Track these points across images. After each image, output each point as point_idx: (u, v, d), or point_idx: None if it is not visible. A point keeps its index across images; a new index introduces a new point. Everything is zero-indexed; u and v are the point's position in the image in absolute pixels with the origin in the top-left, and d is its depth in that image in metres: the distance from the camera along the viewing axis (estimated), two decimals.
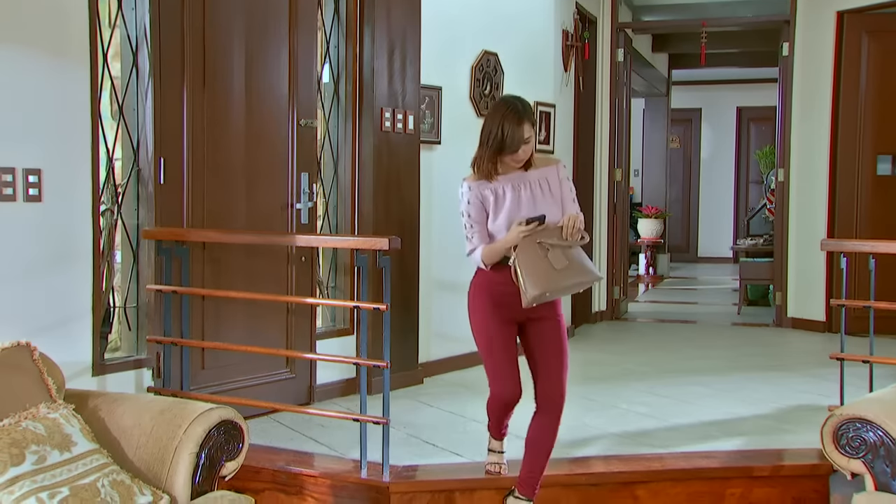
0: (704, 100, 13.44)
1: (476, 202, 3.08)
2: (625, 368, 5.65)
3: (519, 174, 3.08)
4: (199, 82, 4.01)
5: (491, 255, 3.06)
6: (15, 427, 2.35)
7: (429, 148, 5.28)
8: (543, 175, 3.10)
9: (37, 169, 3.33)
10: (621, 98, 7.61)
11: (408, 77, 4.97)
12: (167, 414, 2.64)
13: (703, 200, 13.58)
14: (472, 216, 3.09)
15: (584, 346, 6.45)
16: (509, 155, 3.00)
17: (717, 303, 9.17)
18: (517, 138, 2.97)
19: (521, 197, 3.06)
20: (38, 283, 3.37)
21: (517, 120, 2.96)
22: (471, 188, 3.09)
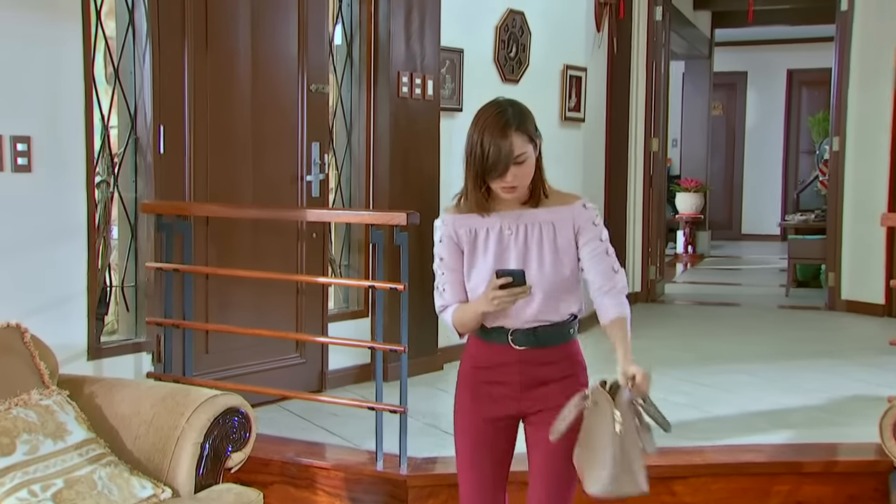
0: (751, 62, 13.25)
1: (450, 242, 2.35)
2: (661, 355, 5.60)
3: (517, 212, 2.32)
4: (201, 43, 3.98)
5: (463, 322, 2.34)
6: (5, 415, 2.35)
7: (450, 115, 5.24)
8: (554, 217, 2.32)
9: (26, 136, 3.33)
10: (659, 61, 7.52)
11: (427, 38, 4.92)
12: (169, 401, 2.64)
13: (749, 172, 13.43)
14: (444, 260, 2.36)
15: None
16: (497, 181, 2.24)
17: (763, 284, 9.10)
18: (503, 156, 2.19)
19: (508, 245, 2.30)
20: (28, 261, 3.38)
21: (501, 130, 2.21)
22: (445, 222, 2.36)
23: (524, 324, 2.31)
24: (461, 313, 2.34)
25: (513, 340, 2.33)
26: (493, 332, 2.35)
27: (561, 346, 2.37)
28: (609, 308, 2.34)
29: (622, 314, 2.35)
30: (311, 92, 4.42)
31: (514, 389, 2.34)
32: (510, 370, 2.34)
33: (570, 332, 2.39)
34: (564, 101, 6.11)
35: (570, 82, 6.15)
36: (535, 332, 2.32)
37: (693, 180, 11.44)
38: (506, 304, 2.22)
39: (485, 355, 2.38)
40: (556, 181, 6.48)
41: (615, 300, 2.35)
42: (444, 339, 5.16)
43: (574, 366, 2.41)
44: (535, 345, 2.33)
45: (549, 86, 6.02)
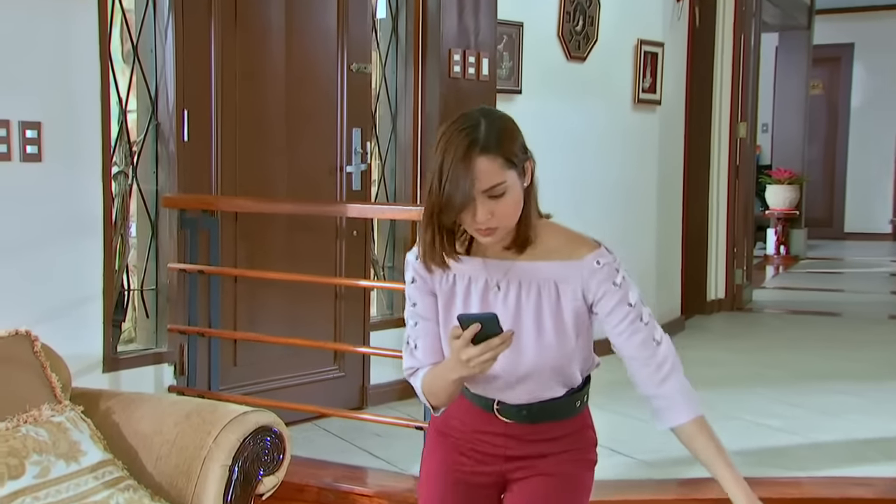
0: (859, 32, 12.99)
1: (423, 285, 2.01)
2: (750, 371, 5.56)
3: (506, 263, 1.95)
4: (229, 18, 4.01)
5: (434, 392, 1.97)
6: (13, 433, 2.38)
7: (507, 98, 5.22)
8: (556, 274, 1.94)
9: (36, 122, 3.38)
10: (748, 33, 7.42)
11: (482, 11, 4.90)
12: (194, 418, 2.65)
13: (854, 161, 13.18)
14: (417, 305, 2.03)
15: (698, 342, 6.35)
16: (467, 221, 1.86)
17: (871, 290, 8.98)
18: (464, 188, 1.79)
19: (493, 307, 1.95)
20: (38, 261, 3.43)
21: (464, 152, 1.80)
22: (417, 258, 2.00)
23: (514, 400, 2.01)
24: (430, 380, 1.96)
25: (499, 412, 2.02)
26: (474, 394, 2.05)
27: (564, 421, 2.04)
28: (674, 405, 1.95)
29: (698, 412, 1.96)
30: (351, 72, 4.43)
31: (497, 460, 2.06)
32: (494, 441, 2.05)
33: (576, 405, 2.05)
34: (638, 81, 6.05)
35: (645, 59, 6.09)
36: (529, 406, 2.00)
37: (787, 171, 11.28)
38: (485, 366, 1.79)
39: (463, 416, 2.07)
40: (628, 173, 6.40)
41: (677, 388, 1.96)
42: None
43: (580, 440, 2.07)
44: (529, 420, 2.01)
45: (621, 64, 5.97)
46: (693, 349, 6.14)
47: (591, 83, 5.74)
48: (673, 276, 6.78)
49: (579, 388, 2.03)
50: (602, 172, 5.88)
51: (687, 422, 1.95)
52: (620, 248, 6.73)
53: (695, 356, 5.92)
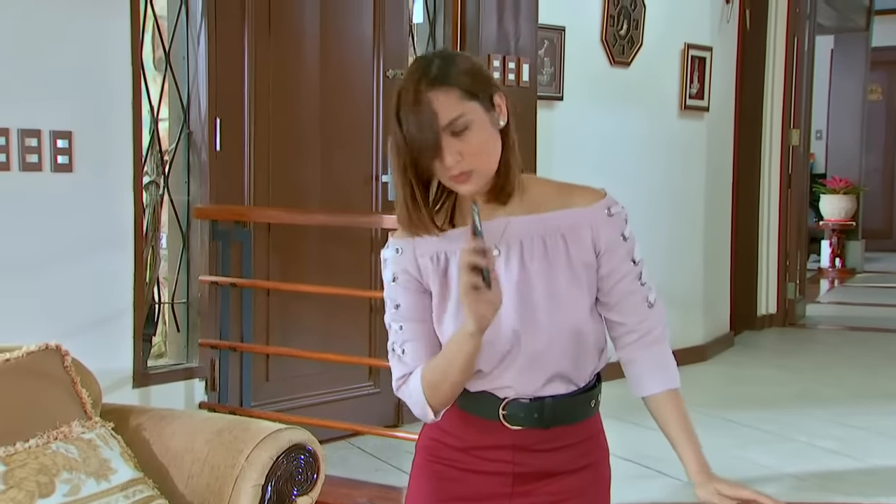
0: None
1: (408, 281, 1.80)
2: (803, 390, 5.51)
3: (499, 221, 1.77)
4: (263, 24, 4.06)
5: (437, 379, 1.75)
6: (43, 450, 2.42)
7: (548, 105, 5.23)
8: (563, 223, 1.79)
9: (67, 131, 3.43)
10: (802, 36, 7.37)
11: (522, 15, 4.92)
12: (225, 436, 2.67)
13: None
14: (400, 308, 1.81)
15: (748, 359, 6.31)
16: (439, 171, 1.70)
17: None
18: (428, 126, 1.66)
19: (501, 277, 1.70)
20: (68, 273, 3.48)
21: (414, 87, 1.68)
22: (398, 250, 1.81)
23: (526, 391, 1.78)
24: (433, 368, 1.75)
25: (506, 416, 1.79)
26: (474, 399, 1.80)
27: (578, 424, 1.84)
28: (652, 372, 1.83)
29: (673, 384, 1.84)
30: (387, 78, 4.46)
31: (502, 484, 1.81)
32: (500, 457, 1.81)
33: (591, 405, 1.85)
34: (685, 86, 6.03)
35: (692, 64, 6.07)
36: (541, 404, 1.79)
37: (842, 180, 11.17)
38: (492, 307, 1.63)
39: (460, 431, 1.83)
40: (674, 182, 6.38)
41: (658, 358, 1.85)
42: None
43: (595, 451, 1.89)
44: (541, 424, 1.79)
45: (667, 69, 5.95)
46: (743, 366, 6.11)
47: (635, 89, 5.73)
48: (721, 290, 6.73)
49: (592, 385, 1.85)
50: (646, 182, 5.86)
51: (662, 391, 1.82)
52: (666, 259, 6.77)
53: (744, 374, 5.91)
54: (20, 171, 3.29)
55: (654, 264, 6.14)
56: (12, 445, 2.36)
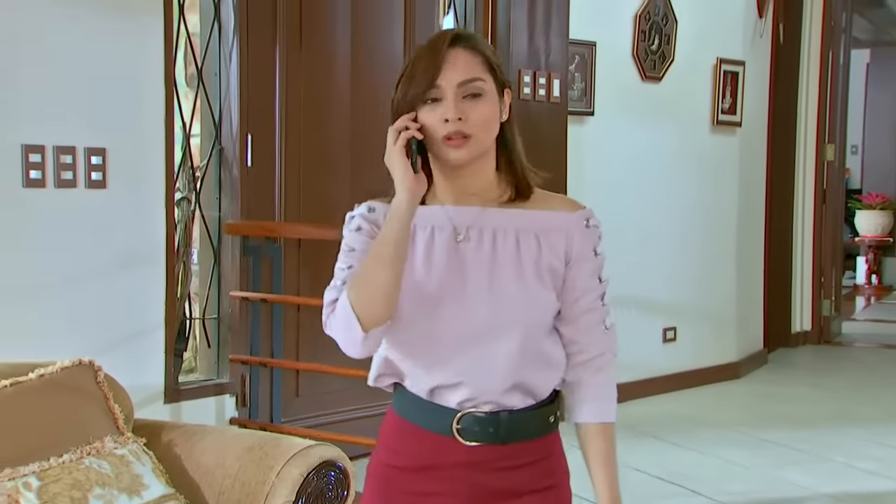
0: None
1: (371, 231, 1.74)
2: (840, 409, 5.47)
3: (476, 210, 1.73)
4: (294, 41, 4.10)
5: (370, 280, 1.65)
6: (77, 465, 2.45)
7: (579, 120, 5.24)
8: (539, 226, 1.74)
9: (101, 148, 3.48)
10: (837, 50, 7.35)
11: (553, 30, 4.94)
12: (256, 452, 2.69)
13: None
14: (355, 250, 1.73)
15: (783, 377, 6.27)
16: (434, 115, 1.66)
17: None
18: (434, 65, 1.66)
19: (464, 259, 1.70)
20: (101, 288, 3.52)
21: (441, 41, 1.68)
22: (371, 209, 1.77)
23: (484, 396, 1.69)
24: (364, 265, 1.66)
25: (460, 431, 1.70)
26: (426, 411, 1.72)
27: (537, 440, 1.76)
28: (593, 401, 1.77)
29: (610, 417, 1.78)
30: None
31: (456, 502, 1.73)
32: (453, 477, 1.72)
33: (550, 420, 1.77)
34: (717, 101, 6.03)
35: (725, 79, 6.06)
36: (497, 418, 1.70)
37: (878, 195, 11.11)
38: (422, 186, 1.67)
39: (411, 449, 1.75)
40: (706, 197, 6.37)
41: (603, 386, 1.78)
42: None
43: (556, 471, 1.81)
44: (497, 440, 1.71)
45: (699, 84, 5.95)
46: (777, 384, 6.07)
47: (666, 104, 5.74)
48: (754, 307, 6.70)
49: (551, 399, 1.76)
50: (678, 197, 5.86)
51: (598, 423, 1.77)
52: (698, 276, 6.72)
53: (779, 392, 5.87)
54: (55, 187, 3.34)
55: (685, 280, 6.16)
56: (46, 461, 2.40)
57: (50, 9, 3.32)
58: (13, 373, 2.57)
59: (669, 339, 5.83)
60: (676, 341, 5.87)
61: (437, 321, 1.69)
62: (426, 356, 1.71)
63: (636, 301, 5.58)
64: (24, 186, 3.27)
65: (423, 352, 1.71)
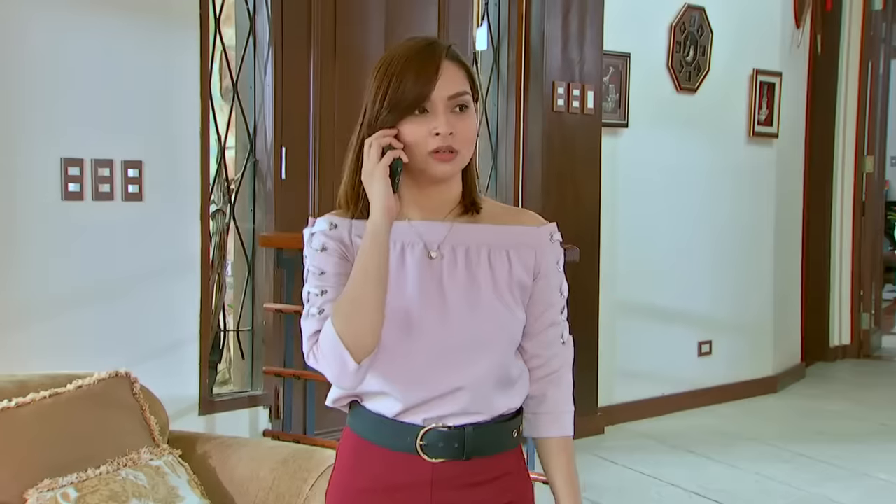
0: None
1: (338, 252, 1.69)
2: (881, 425, 5.42)
3: (444, 225, 1.70)
4: (328, 52, 4.14)
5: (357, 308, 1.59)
6: (113, 476, 2.48)
7: (613, 132, 5.24)
8: (508, 241, 1.72)
9: (137, 161, 3.53)
10: (876, 60, 7.30)
11: (587, 42, 4.95)
12: (290, 464, 2.72)
13: None
14: (326, 274, 1.68)
15: (821, 391, 6.23)
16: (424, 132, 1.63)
17: None
18: (425, 81, 1.63)
19: (440, 276, 1.68)
20: (136, 300, 3.56)
21: (426, 52, 1.66)
22: (331, 224, 1.72)
23: (453, 415, 1.67)
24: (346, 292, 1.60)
25: (424, 448, 1.67)
26: (389, 429, 1.69)
27: (502, 454, 1.74)
28: (553, 416, 1.77)
29: (569, 431, 1.79)
30: None
31: None
32: (418, 496, 1.69)
33: (513, 435, 1.75)
34: (753, 112, 6.01)
35: (761, 90, 6.04)
36: (462, 432, 1.67)
37: None
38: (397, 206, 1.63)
39: (373, 469, 1.72)
40: (742, 209, 6.35)
41: (562, 401, 1.79)
42: (604, 398, 5.12)
43: (518, 485, 1.78)
44: (461, 455, 1.68)
45: (735, 95, 5.94)
46: (815, 399, 6.03)
47: (701, 115, 5.73)
48: (792, 320, 6.66)
49: (514, 413, 1.75)
50: (713, 209, 5.84)
51: (558, 437, 1.78)
52: (734, 288, 6.68)
53: (817, 407, 5.83)
54: (93, 200, 3.39)
55: (721, 293, 6.12)
56: (84, 472, 2.43)
57: (88, 24, 3.38)
58: (52, 384, 2.61)
59: (705, 353, 5.80)
60: (712, 355, 5.84)
61: (415, 340, 1.65)
62: (401, 376, 1.66)
63: (671, 314, 5.57)
64: (63, 199, 3.33)
65: (398, 372, 1.66)
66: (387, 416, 1.69)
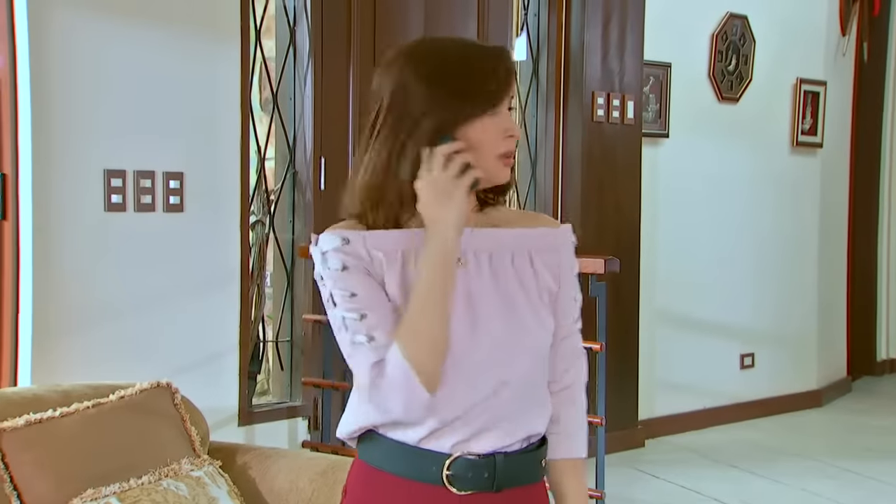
0: None
1: (360, 270, 1.55)
2: None
3: (468, 232, 1.55)
4: (367, 63, 4.17)
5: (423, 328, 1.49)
6: (155, 486, 2.52)
7: (653, 142, 5.24)
8: (531, 244, 1.61)
9: (178, 172, 3.57)
10: None
11: (627, 51, 4.95)
12: (329, 476, 2.74)
13: None
14: (358, 295, 1.53)
15: (868, 406, 6.17)
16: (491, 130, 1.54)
17: None
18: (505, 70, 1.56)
19: (469, 286, 1.56)
20: (177, 311, 3.60)
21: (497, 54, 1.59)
22: (345, 241, 1.57)
23: (483, 440, 1.54)
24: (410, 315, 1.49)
25: (451, 478, 1.53)
26: (412, 458, 1.54)
27: (530, 486, 1.61)
28: (567, 436, 1.65)
29: (582, 452, 1.66)
30: None
31: None
32: None
33: (542, 464, 1.63)
34: (797, 122, 5.98)
35: (805, 99, 6.01)
36: (492, 461, 1.55)
37: None
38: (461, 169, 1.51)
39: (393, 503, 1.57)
40: (785, 220, 6.31)
41: (577, 420, 1.66)
42: (645, 410, 5.11)
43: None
44: (492, 487, 1.55)
45: (778, 104, 5.91)
46: (862, 413, 5.97)
47: (743, 125, 5.71)
48: (837, 333, 6.60)
49: (541, 441, 1.62)
50: (755, 220, 5.82)
51: (570, 458, 1.65)
52: (776, 300, 6.64)
53: (864, 422, 5.77)
54: (135, 211, 3.43)
55: (763, 305, 6.09)
56: (126, 481, 2.47)
57: (130, 37, 3.43)
58: (94, 394, 2.65)
59: (747, 366, 5.77)
60: (754, 367, 5.81)
61: (448, 355, 1.51)
62: (432, 396, 1.50)
63: (712, 326, 5.54)
64: (106, 210, 3.37)
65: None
66: (408, 444, 1.54)
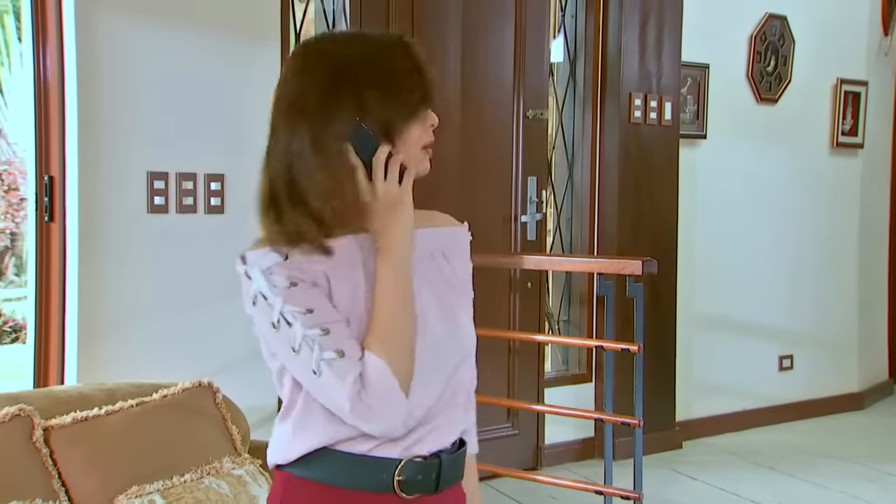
0: None
1: (307, 280, 1.51)
2: None
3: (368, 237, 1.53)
4: None
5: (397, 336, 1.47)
6: (197, 484, 2.56)
7: (691, 143, 5.23)
8: (444, 244, 1.63)
9: (219, 174, 3.62)
10: None
11: (665, 53, 4.95)
12: None
13: None
14: (315, 310, 1.47)
15: None
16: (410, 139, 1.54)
17: None
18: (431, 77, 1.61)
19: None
20: (217, 312, 3.64)
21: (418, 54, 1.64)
22: (283, 255, 1.54)
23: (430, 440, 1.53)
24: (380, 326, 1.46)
25: (402, 483, 1.50)
26: (363, 468, 1.49)
27: (457, 485, 1.61)
28: (470, 431, 1.67)
29: (476, 447, 1.69)
30: (527, 119, 4.55)
31: None
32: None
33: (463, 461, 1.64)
34: (837, 123, 5.94)
35: (845, 100, 5.97)
36: (438, 462, 1.53)
37: None
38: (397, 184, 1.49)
39: None
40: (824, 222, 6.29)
41: (472, 417, 1.68)
42: (682, 412, 5.10)
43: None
44: (435, 488, 1.54)
45: (818, 105, 5.88)
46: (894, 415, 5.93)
47: (782, 126, 5.68)
48: (878, 335, 6.55)
49: (461, 440, 1.62)
50: (794, 221, 5.79)
51: (472, 454, 1.68)
52: (816, 302, 6.60)
53: None
54: (177, 213, 3.49)
55: (803, 306, 6.05)
56: (169, 479, 2.52)
57: (172, 40, 3.48)
58: (138, 393, 2.71)
59: (786, 367, 5.75)
60: (793, 369, 5.78)
61: None
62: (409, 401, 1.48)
63: (750, 327, 5.52)
64: (149, 212, 3.43)
65: None
66: (359, 454, 1.49)
